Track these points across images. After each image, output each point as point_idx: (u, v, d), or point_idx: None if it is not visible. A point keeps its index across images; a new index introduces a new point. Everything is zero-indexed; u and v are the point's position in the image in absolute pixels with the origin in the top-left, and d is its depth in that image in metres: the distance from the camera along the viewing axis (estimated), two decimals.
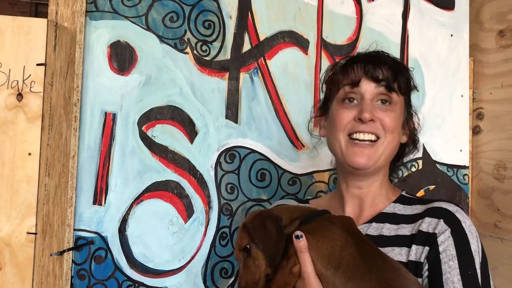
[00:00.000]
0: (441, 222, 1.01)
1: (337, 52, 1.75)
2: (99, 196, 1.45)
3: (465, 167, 1.89)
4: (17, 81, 1.54)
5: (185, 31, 1.57)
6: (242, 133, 1.61)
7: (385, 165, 1.14)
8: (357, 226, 1.04)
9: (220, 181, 1.58)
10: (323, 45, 1.73)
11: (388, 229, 1.07)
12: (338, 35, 1.76)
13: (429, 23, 1.88)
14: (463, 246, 0.99)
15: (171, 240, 1.51)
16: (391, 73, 1.09)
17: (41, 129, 1.55)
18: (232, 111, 1.60)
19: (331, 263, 0.94)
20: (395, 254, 1.02)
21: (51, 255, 1.43)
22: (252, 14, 1.65)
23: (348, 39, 1.77)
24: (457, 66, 1.90)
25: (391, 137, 1.09)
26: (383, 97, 1.09)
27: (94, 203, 1.44)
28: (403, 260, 1.01)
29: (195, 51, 1.57)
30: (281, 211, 1.05)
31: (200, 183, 1.55)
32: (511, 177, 1.77)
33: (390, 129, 1.08)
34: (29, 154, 1.54)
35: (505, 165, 1.80)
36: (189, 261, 1.53)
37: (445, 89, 1.88)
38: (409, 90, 1.15)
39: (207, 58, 1.59)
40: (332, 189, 1.69)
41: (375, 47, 1.18)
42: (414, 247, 1.01)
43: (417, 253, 1.01)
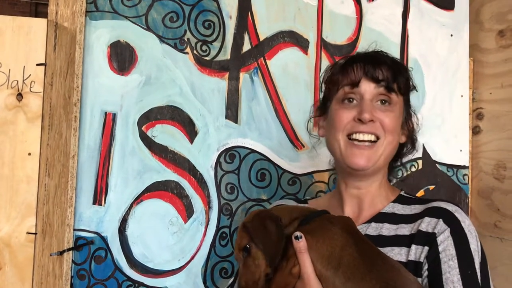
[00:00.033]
0: (441, 221, 1.01)
1: (337, 52, 1.75)
2: (99, 196, 1.45)
3: (465, 167, 1.89)
4: (17, 81, 1.54)
5: (185, 31, 1.57)
6: (242, 133, 1.61)
7: (385, 165, 1.14)
8: (356, 226, 1.04)
9: (220, 181, 1.58)
10: (323, 45, 1.73)
11: (387, 229, 1.07)
12: (338, 35, 1.76)
13: (429, 23, 1.88)
14: (463, 245, 0.99)
15: (171, 240, 1.51)
16: (391, 74, 1.09)
17: (41, 129, 1.55)
18: (232, 111, 1.60)
19: (331, 264, 0.94)
20: (395, 254, 1.02)
21: (51, 255, 1.43)
22: (252, 14, 1.65)
23: (348, 39, 1.77)
24: (457, 66, 1.90)
25: (390, 138, 1.09)
26: (383, 98, 1.09)
27: (94, 203, 1.44)
28: (403, 260, 1.01)
29: (195, 51, 1.57)
30: (281, 211, 1.05)
31: (200, 183, 1.55)
32: (511, 177, 1.77)
33: (389, 130, 1.08)
34: (29, 154, 1.54)
35: (505, 165, 1.80)
36: (189, 261, 1.53)
37: (445, 89, 1.88)
38: (408, 90, 1.15)
39: (207, 58, 1.59)
40: (332, 189, 1.68)
41: (375, 47, 1.18)
42: (413, 247, 1.01)
43: (416, 253, 1.01)
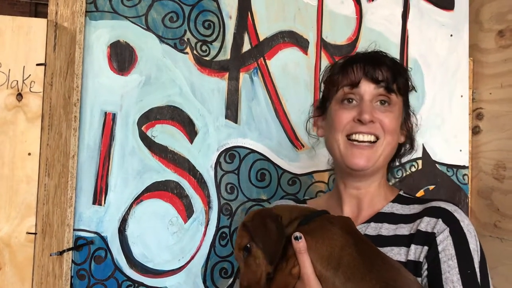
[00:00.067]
0: (440, 221, 1.01)
1: (337, 52, 1.75)
2: (99, 196, 1.45)
3: (464, 167, 1.89)
4: (17, 81, 1.54)
5: (185, 31, 1.57)
6: (242, 133, 1.61)
7: (384, 165, 1.14)
8: (356, 226, 1.04)
9: (220, 181, 1.58)
10: (323, 45, 1.73)
11: (386, 229, 1.07)
12: (338, 35, 1.76)
13: (429, 23, 1.88)
14: (462, 245, 0.99)
15: (171, 240, 1.51)
16: (391, 74, 1.09)
17: (41, 129, 1.55)
18: (232, 111, 1.60)
19: (331, 264, 0.94)
20: (394, 253, 1.02)
21: (50, 255, 1.43)
22: (252, 14, 1.65)
23: (348, 39, 1.77)
24: (457, 66, 1.90)
25: (390, 138, 1.09)
26: (383, 98, 1.09)
27: (94, 203, 1.44)
28: (402, 259, 1.01)
29: (195, 51, 1.57)
30: (281, 210, 1.05)
31: (200, 183, 1.55)
32: (510, 177, 1.77)
33: (389, 130, 1.08)
34: (29, 154, 1.54)
35: (504, 165, 1.80)
36: (189, 261, 1.53)
37: (444, 89, 1.88)
38: (408, 90, 1.15)
39: (207, 58, 1.59)
40: (332, 189, 1.69)
41: (374, 47, 1.18)
42: (413, 246, 1.02)
43: (416, 252, 1.01)
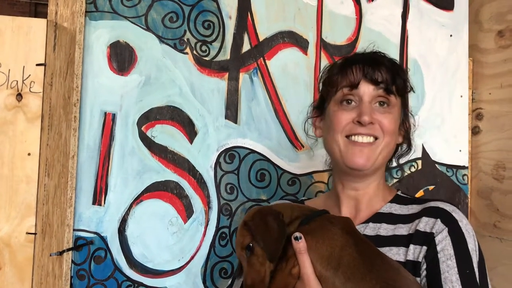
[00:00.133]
0: (438, 221, 1.01)
1: (336, 52, 1.75)
2: (99, 196, 1.45)
3: (464, 167, 1.89)
4: (17, 81, 1.54)
5: (185, 31, 1.57)
6: (241, 133, 1.61)
7: (382, 166, 1.14)
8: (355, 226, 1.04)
9: (219, 181, 1.58)
10: (323, 45, 1.73)
11: (385, 229, 1.07)
12: (337, 36, 1.76)
13: (429, 23, 1.88)
14: (461, 245, 0.99)
15: (171, 240, 1.51)
16: (390, 75, 1.08)
17: (40, 129, 1.55)
18: (231, 111, 1.61)
19: (331, 264, 0.94)
20: (393, 254, 1.02)
21: (50, 255, 1.43)
22: (251, 14, 1.65)
23: (347, 40, 1.77)
24: (457, 66, 1.90)
25: (389, 139, 1.09)
26: (382, 99, 1.09)
27: (93, 203, 1.44)
28: (401, 259, 1.01)
29: (194, 51, 1.57)
30: (282, 207, 1.04)
31: (199, 183, 1.55)
32: (510, 177, 1.77)
33: (388, 131, 1.08)
34: (29, 154, 1.54)
35: (504, 165, 1.80)
36: (189, 261, 1.53)
37: (444, 89, 1.88)
38: (406, 91, 1.15)
39: (207, 58, 1.59)
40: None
41: (372, 47, 1.18)
42: (411, 246, 1.02)
43: (415, 252, 1.01)
